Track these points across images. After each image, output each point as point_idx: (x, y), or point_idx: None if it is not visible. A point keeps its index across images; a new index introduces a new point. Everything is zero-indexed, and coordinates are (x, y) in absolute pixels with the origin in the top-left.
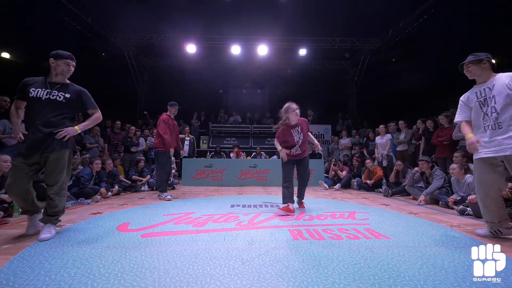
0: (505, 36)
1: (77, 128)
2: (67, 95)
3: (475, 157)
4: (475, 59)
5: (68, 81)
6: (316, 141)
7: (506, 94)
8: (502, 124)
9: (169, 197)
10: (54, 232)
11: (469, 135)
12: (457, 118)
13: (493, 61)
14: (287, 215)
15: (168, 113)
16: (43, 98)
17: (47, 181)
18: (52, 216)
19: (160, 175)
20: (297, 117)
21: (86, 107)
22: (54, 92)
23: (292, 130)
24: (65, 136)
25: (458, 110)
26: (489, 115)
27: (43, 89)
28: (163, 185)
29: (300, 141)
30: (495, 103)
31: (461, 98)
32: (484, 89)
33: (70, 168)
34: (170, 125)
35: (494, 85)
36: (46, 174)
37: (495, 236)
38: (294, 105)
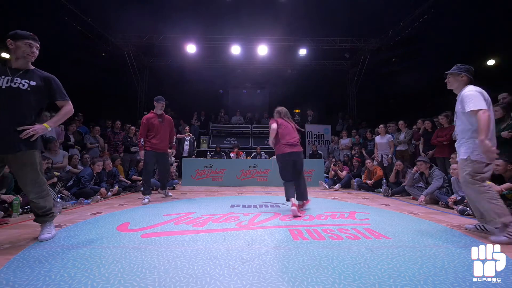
0: (505, 35)
1: (47, 126)
2: (33, 83)
3: None
4: (454, 71)
5: (33, 67)
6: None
7: (460, 111)
8: (457, 136)
9: (146, 201)
10: (54, 232)
11: None
12: None
13: (471, 77)
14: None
15: (154, 110)
16: (4, 87)
17: (21, 187)
18: (46, 215)
19: (143, 175)
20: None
21: (55, 97)
22: (17, 80)
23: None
24: (32, 135)
25: None
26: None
27: (3, 77)
28: (144, 186)
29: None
30: (456, 118)
31: None
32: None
33: (42, 168)
34: (155, 125)
35: (458, 100)
36: (18, 179)
37: (480, 231)
38: (283, 110)
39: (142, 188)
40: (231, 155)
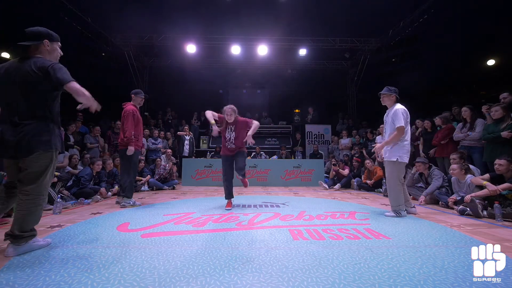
0: (505, 35)
1: None
2: None
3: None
4: (387, 92)
5: None
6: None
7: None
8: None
9: (137, 202)
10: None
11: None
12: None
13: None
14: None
15: (133, 102)
16: None
17: None
18: None
19: (126, 177)
20: (232, 117)
21: None
22: None
23: (227, 127)
24: None
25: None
26: (385, 131)
27: None
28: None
29: (232, 138)
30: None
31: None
32: (387, 114)
33: None
34: (136, 119)
35: (388, 113)
36: None
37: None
38: (228, 108)
39: (124, 192)
40: None
